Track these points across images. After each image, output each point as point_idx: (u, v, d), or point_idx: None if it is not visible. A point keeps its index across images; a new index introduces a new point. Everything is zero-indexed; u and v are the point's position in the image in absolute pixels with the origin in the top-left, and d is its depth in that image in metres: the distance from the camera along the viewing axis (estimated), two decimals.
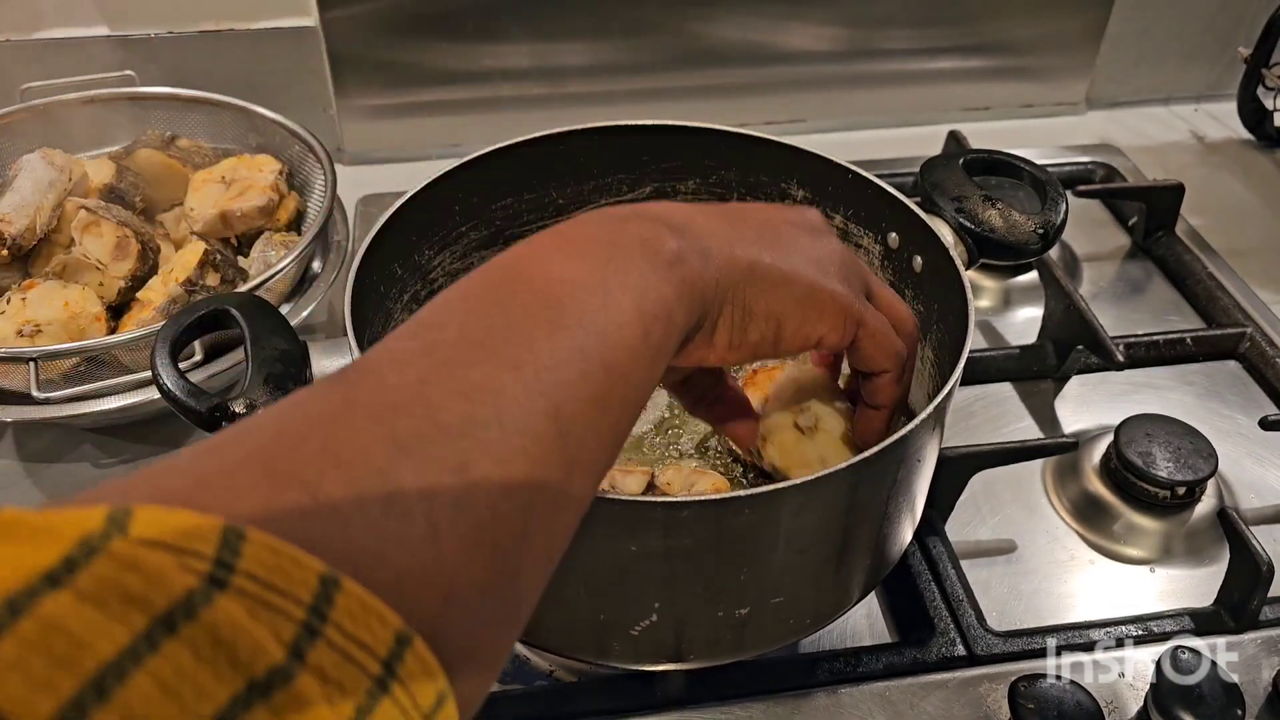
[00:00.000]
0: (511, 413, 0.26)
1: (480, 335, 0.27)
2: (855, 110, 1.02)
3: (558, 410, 0.27)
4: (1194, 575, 0.62)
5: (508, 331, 0.28)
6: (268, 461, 0.22)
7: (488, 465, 0.24)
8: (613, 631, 0.46)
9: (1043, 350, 0.74)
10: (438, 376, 0.26)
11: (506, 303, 0.29)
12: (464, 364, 0.26)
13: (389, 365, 0.26)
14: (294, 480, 0.22)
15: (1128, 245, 0.88)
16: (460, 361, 0.26)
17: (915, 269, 0.57)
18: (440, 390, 0.25)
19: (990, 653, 0.55)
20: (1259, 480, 0.68)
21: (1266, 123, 1.00)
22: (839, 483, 0.42)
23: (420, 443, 0.24)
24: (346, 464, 0.22)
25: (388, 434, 0.24)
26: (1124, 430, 0.64)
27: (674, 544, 0.41)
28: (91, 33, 0.86)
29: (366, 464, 0.23)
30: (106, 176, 0.73)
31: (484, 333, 0.27)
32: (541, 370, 0.27)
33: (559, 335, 0.28)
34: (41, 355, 0.59)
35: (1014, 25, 0.99)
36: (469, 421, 0.25)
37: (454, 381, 0.26)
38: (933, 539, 0.60)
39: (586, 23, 0.92)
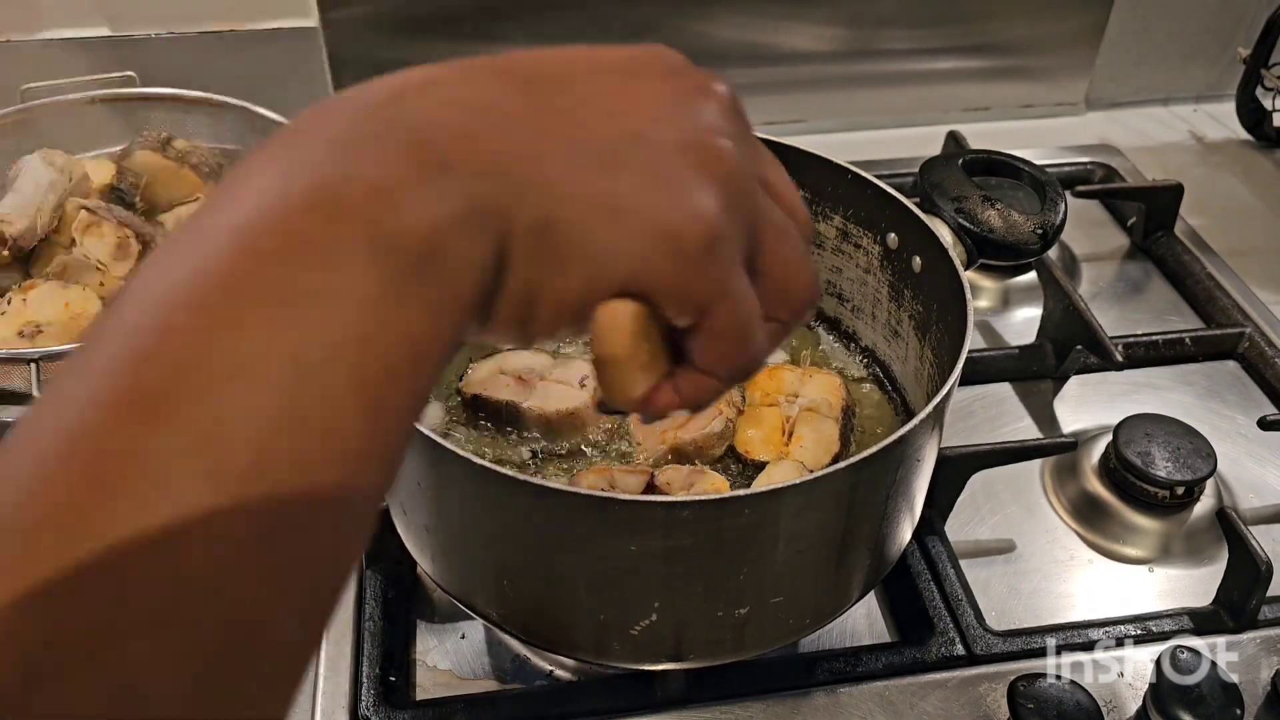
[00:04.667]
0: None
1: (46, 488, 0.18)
2: (855, 110, 1.02)
3: (228, 652, 0.19)
4: (1193, 575, 0.62)
5: (103, 523, 0.18)
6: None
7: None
8: (612, 631, 0.46)
9: (1042, 350, 0.74)
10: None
11: (115, 457, 0.18)
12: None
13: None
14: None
15: (1127, 245, 0.88)
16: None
17: (914, 269, 0.57)
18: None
19: (989, 652, 0.55)
20: (1258, 480, 0.68)
21: (1265, 123, 1.00)
22: (838, 483, 0.42)
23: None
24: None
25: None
26: (1123, 430, 0.64)
27: (674, 544, 0.41)
28: (92, 33, 0.86)
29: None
30: (107, 177, 0.73)
31: (70, 522, 0.18)
32: (182, 582, 0.18)
33: (203, 502, 0.18)
34: (43, 356, 0.59)
35: (1013, 25, 0.99)
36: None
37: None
38: (932, 539, 0.60)
39: (586, 24, 0.92)
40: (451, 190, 0.22)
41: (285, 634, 0.20)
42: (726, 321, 0.27)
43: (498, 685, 0.55)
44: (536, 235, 0.24)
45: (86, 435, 0.19)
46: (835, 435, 0.57)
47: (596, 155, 0.25)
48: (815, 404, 0.58)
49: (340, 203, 0.21)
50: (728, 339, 0.27)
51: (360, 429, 0.21)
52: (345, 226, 0.21)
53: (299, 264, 0.21)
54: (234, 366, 0.19)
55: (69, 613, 0.17)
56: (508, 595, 0.47)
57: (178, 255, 0.21)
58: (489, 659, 0.56)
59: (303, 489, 0.20)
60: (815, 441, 0.56)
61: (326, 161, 0.22)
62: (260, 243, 0.21)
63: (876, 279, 0.61)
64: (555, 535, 0.43)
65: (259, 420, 0.19)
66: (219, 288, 0.20)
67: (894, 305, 0.61)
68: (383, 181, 0.22)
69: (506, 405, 0.58)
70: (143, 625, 0.18)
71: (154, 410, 0.19)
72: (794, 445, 0.57)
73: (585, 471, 0.55)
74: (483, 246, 0.23)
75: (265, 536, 0.19)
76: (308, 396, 0.20)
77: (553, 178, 0.24)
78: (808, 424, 0.57)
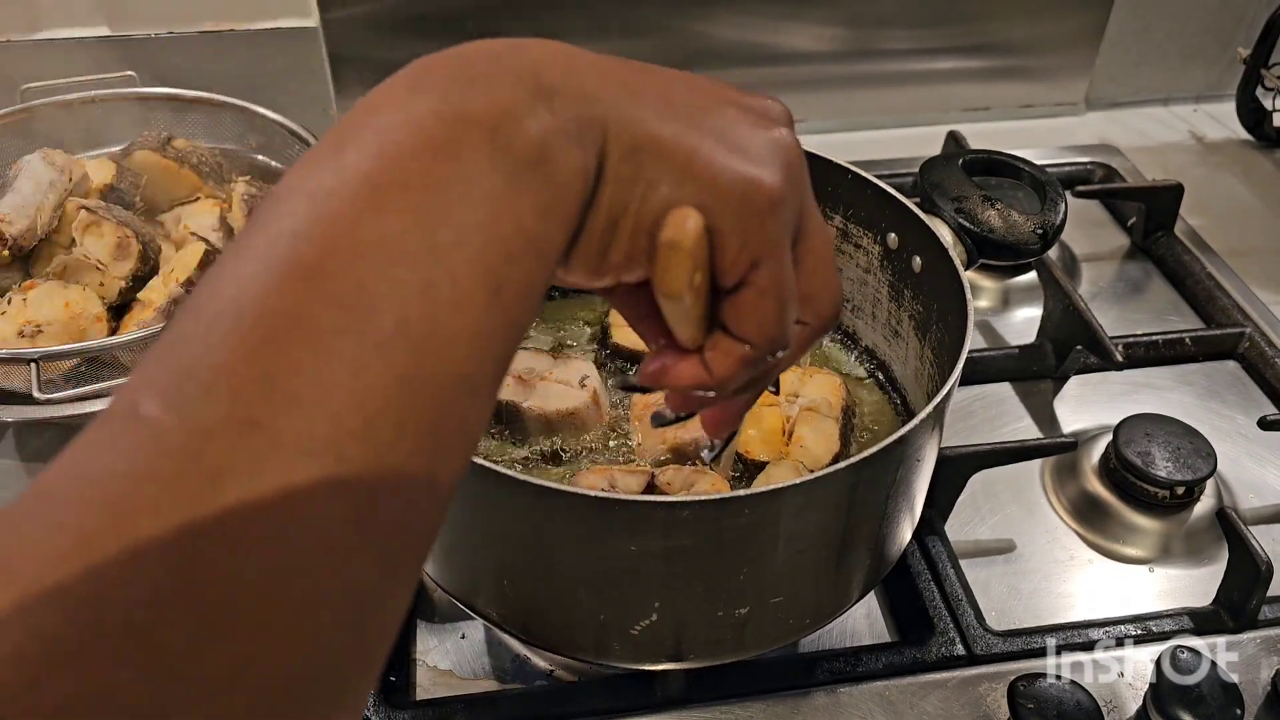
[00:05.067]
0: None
1: (237, 362, 0.21)
2: (855, 110, 1.02)
3: (362, 489, 0.21)
4: (1193, 575, 0.62)
5: (271, 370, 0.21)
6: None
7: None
8: (613, 631, 0.46)
9: (1042, 350, 0.74)
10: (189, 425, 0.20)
11: (276, 316, 0.21)
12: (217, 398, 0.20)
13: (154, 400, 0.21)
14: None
15: (1127, 245, 0.88)
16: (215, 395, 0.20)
17: (914, 269, 0.57)
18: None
19: (989, 652, 0.55)
20: (1258, 480, 0.68)
21: (1265, 123, 1.00)
22: (838, 482, 0.42)
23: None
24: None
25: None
26: (1123, 430, 0.64)
27: (674, 544, 0.41)
28: (92, 33, 0.86)
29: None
30: (107, 177, 0.73)
31: (243, 372, 0.21)
32: (328, 420, 0.20)
33: (356, 346, 0.21)
34: (42, 356, 0.59)
35: (1013, 26, 0.99)
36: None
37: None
38: (932, 539, 0.60)
39: (585, 23, 0.92)
40: (559, 108, 0.26)
41: (419, 486, 0.22)
42: (771, 280, 0.29)
43: (498, 685, 0.55)
44: (627, 158, 0.27)
45: (253, 302, 0.21)
46: (835, 435, 0.57)
47: (683, 110, 0.28)
48: (815, 404, 0.58)
49: (465, 113, 0.24)
50: (769, 300, 0.29)
51: (483, 308, 0.23)
52: (470, 132, 0.24)
53: (431, 159, 0.23)
54: (376, 242, 0.22)
55: (245, 442, 0.20)
56: (508, 595, 0.47)
57: (324, 155, 0.24)
58: (489, 659, 0.56)
59: (439, 355, 0.22)
60: (815, 441, 0.57)
61: (452, 86, 0.25)
62: (397, 144, 0.24)
63: (877, 279, 0.61)
64: (555, 535, 0.43)
65: (398, 289, 0.22)
66: (362, 179, 0.23)
67: (894, 305, 0.61)
68: (500, 99, 0.25)
69: (506, 405, 0.58)
70: (305, 456, 0.20)
71: (312, 280, 0.22)
72: (794, 445, 0.57)
73: (585, 472, 0.55)
74: (584, 156, 0.26)
75: (406, 390, 0.22)
76: (440, 273, 0.22)
77: (644, 115, 0.27)
78: (808, 424, 0.57)
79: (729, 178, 0.28)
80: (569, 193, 0.26)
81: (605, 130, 0.27)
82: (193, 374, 0.20)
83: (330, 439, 0.20)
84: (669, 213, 0.27)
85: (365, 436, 0.21)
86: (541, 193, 0.25)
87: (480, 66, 0.26)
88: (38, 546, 0.19)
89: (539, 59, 0.27)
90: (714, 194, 0.27)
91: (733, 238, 0.28)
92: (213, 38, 0.88)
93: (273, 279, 0.22)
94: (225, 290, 0.22)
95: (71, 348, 0.60)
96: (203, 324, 0.21)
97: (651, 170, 0.27)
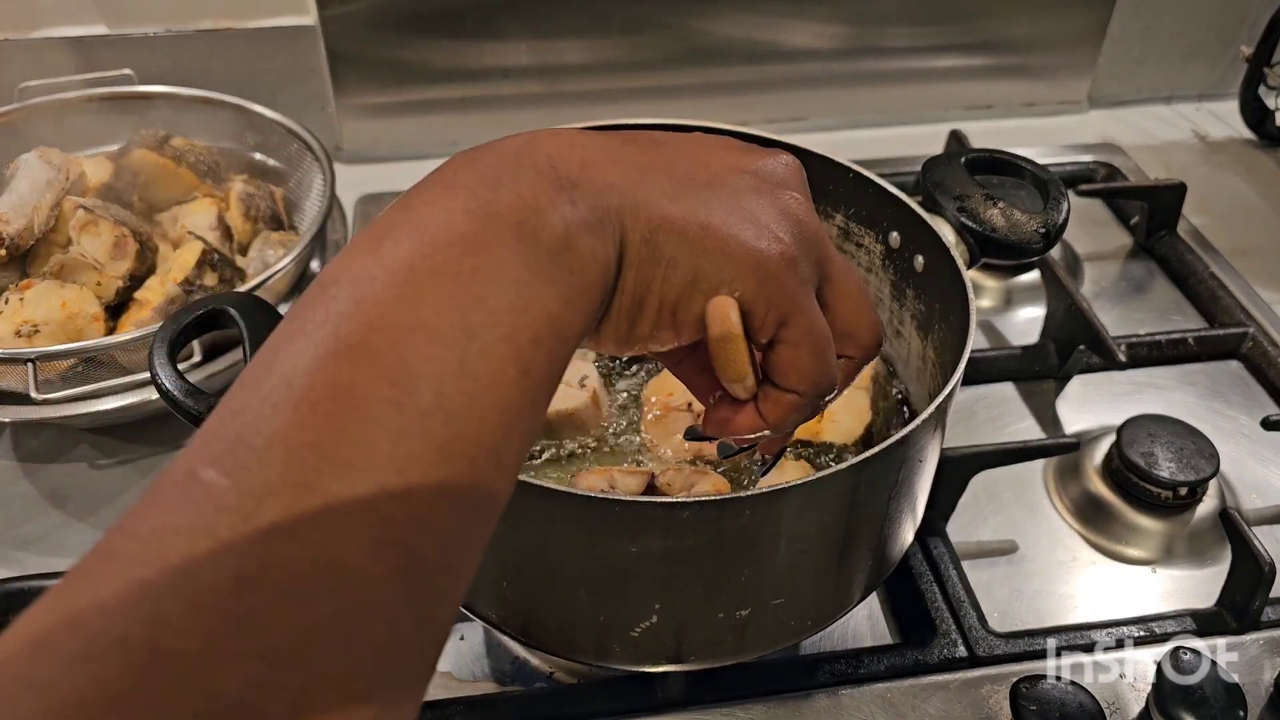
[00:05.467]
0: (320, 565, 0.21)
1: (291, 445, 0.22)
2: (856, 109, 1.01)
3: (404, 548, 0.22)
4: (1196, 576, 0.61)
5: (321, 438, 0.22)
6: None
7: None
8: (613, 633, 0.45)
9: (1044, 350, 0.74)
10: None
11: (325, 388, 0.23)
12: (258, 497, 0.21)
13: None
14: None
15: (1130, 245, 0.88)
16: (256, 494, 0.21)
17: (917, 269, 0.57)
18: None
19: (992, 654, 0.55)
20: (1261, 480, 0.67)
21: (1268, 122, 1.00)
22: (840, 483, 0.42)
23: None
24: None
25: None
26: (1126, 431, 0.64)
27: (674, 545, 0.41)
28: (90, 31, 0.86)
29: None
30: (104, 176, 0.72)
31: (294, 439, 0.22)
32: (373, 483, 0.22)
33: (398, 417, 0.23)
34: (39, 356, 0.59)
35: (1016, 24, 0.99)
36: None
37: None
38: (934, 539, 0.60)
39: (586, 20, 0.92)
40: (579, 200, 0.28)
41: (452, 546, 0.24)
42: (803, 331, 0.32)
43: (497, 688, 0.55)
44: (646, 242, 0.29)
45: (304, 376, 0.23)
46: (866, 407, 0.58)
47: (691, 187, 0.30)
48: None
49: (492, 208, 0.26)
50: (804, 349, 0.32)
51: (514, 383, 0.25)
52: (498, 225, 0.26)
53: (463, 250, 0.25)
54: (415, 323, 0.24)
55: (297, 502, 0.21)
56: (507, 597, 0.47)
57: (362, 249, 0.26)
58: (488, 661, 0.56)
59: (472, 425, 0.24)
60: (847, 415, 0.57)
61: (479, 185, 0.27)
62: (432, 237, 0.26)
63: (878, 278, 0.61)
64: (555, 536, 0.43)
65: (436, 366, 0.24)
66: (401, 268, 0.25)
67: (896, 305, 0.60)
68: (525, 194, 0.27)
69: None
70: (351, 513, 0.22)
71: (356, 356, 0.23)
72: (826, 421, 0.57)
73: (585, 472, 0.55)
74: (605, 245, 0.28)
75: (443, 459, 0.23)
76: (473, 351, 0.24)
77: (657, 199, 0.30)
78: (838, 398, 0.58)
79: (742, 250, 0.30)
80: (590, 280, 0.28)
81: (622, 218, 0.29)
82: (246, 441, 0.22)
83: (374, 501, 0.22)
84: (708, 308, 0.30)
85: (406, 499, 0.22)
86: (566, 281, 0.27)
87: (504, 165, 0.28)
88: (103, 599, 0.20)
89: (554, 153, 0.29)
90: (731, 267, 0.30)
91: (758, 303, 0.31)
92: (210, 36, 0.88)
93: (320, 356, 0.23)
94: (278, 367, 0.23)
95: (69, 347, 0.60)
96: (256, 397, 0.23)
97: (669, 250, 0.30)
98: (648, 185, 0.30)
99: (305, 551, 0.21)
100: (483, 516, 0.25)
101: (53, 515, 0.65)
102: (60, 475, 0.67)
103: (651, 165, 0.30)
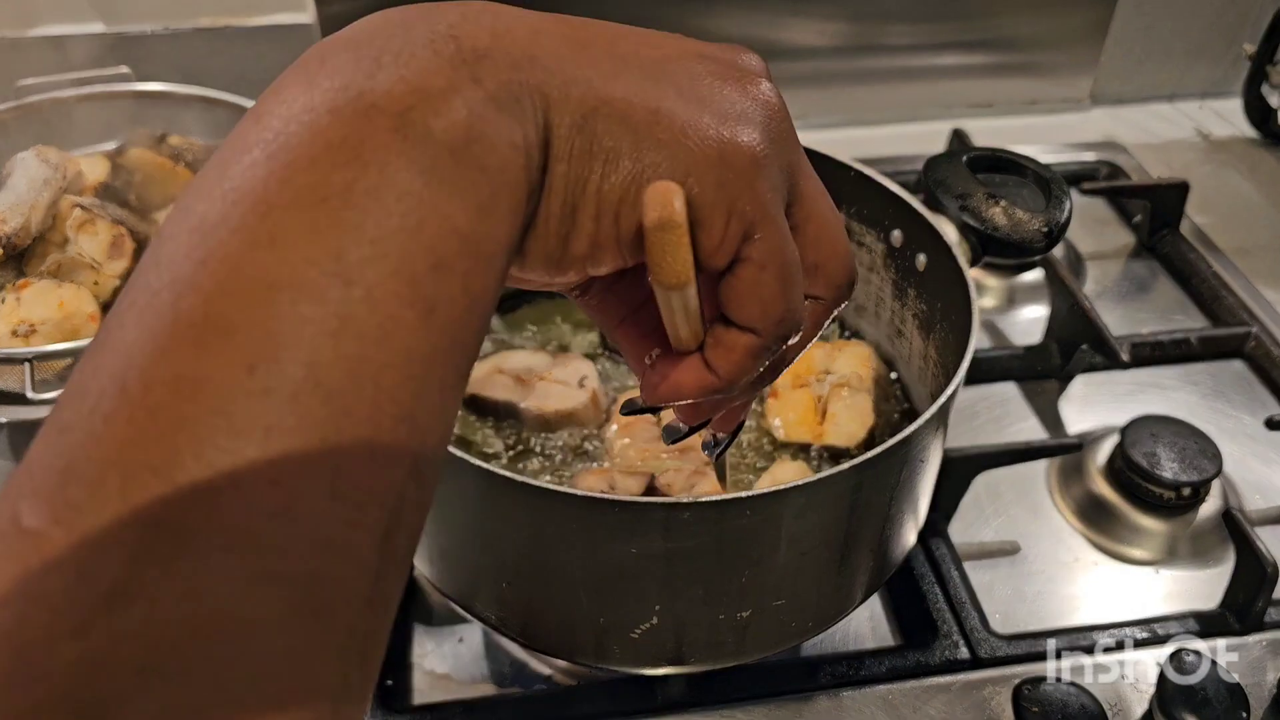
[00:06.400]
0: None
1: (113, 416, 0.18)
2: (858, 107, 1.01)
3: (294, 582, 0.18)
4: (1199, 577, 0.61)
5: (168, 457, 0.17)
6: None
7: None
8: (613, 634, 0.45)
9: (1047, 350, 0.73)
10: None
11: (167, 387, 0.18)
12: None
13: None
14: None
15: (1132, 243, 0.88)
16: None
17: (919, 267, 0.56)
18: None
19: (994, 655, 0.55)
20: (1264, 481, 0.67)
21: (1272, 120, 1.00)
22: (841, 484, 0.41)
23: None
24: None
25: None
26: (1129, 431, 0.64)
27: (674, 546, 0.41)
28: (87, 29, 0.86)
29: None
30: (101, 174, 0.72)
31: (135, 461, 0.17)
32: (242, 506, 0.17)
33: (263, 407, 0.18)
34: (36, 356, 0.59)
35: (1018, 22, 0.99)
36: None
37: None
38: (936, 540, 0.60)
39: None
40: (486, 75, 0.21)
41: (367, 551, 0.19)
42: (769, 251, 0.25)
43: (496, 690, 0.54)
44: (579, 128, 0.23)
45: (138, 371, 0.18)
46: (869, 409, 0.57)
47: (638, 67, 0.24)
48: (846, 379, 0.59)
49: (365, 99, 0.20)
50: (769, 274, 0.25)
51: (414, 328, 0.20)
52: (374, 121, 0.20)
53: (329, 165, 0.20)
54: (277, 279, 0.19)
55: (145, 547, 0.17)
56: (506, 598, 0.47)
57: (209, 181, 0.20)
58: (487, 663, 0.56)
59: (363, 397, 0.19)
60: (849, 417, 0.57)
61: (350, 67, 0.21)
62: (289, 152, 0.20)
63: (880, 277, 0.60)
64: (554, 537, 0.42)
65: (309, 330, 0.18)
66: (252, 203, 0.19)
67: (898, 304, 0.60)
68: (410, 75, 0.21)
69: (504, 405, 0.58)
70: (220, 550, 0.17)
71: (203, 337, 0.18)
72: (828, 424, 0.57)
73: (585, 473, 0.54)
74: (525, 128, 0.22)
75: (330, 450, 0.18)
76: (355, 300, 0.19)
77: (593, 76, 0.23)
78: (840, 400, 0.58)
79: (701, 139, 0.23)
80: (508, 177, 0.22)
81: (547, 96, 0.22)
82: (77, 471, 0.17)
83: (247, 527, 0.17)
84: (645, 191, 0.23)
85: (289, 514, 0.18)
86: (473, 184, 0.21)
87: (386, 42, 0.21)
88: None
89: (458, 21, 0.22)
90: (687, 161, 0.23)
91: (717, 210, 0.24)
92: (208, 34, 0.87)
93: (159, 342, 0.18)
94: (107, 363, 0.18)
95: (66, 347, 0.60)
96: (85, 406, 0.18)
97: (609, 139, 0.23)
98: (580, 61, 0.23)
99: (164, 613, 0.16)
100: (406, 499, 0.20)
101: None
102: None
103: (586, 40, 0.24)
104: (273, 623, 0.18)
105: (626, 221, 0.24)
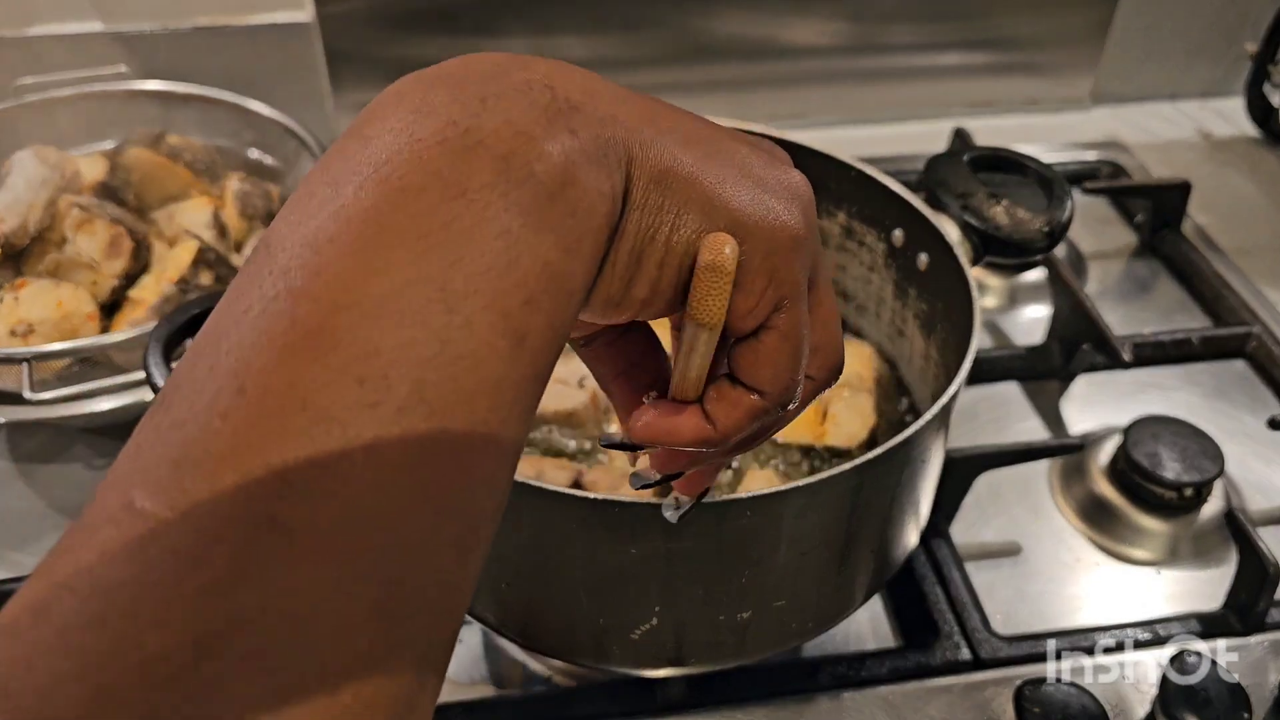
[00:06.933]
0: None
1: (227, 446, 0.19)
2: (859, 106, 1.01)
3: (387, 583, 0.19)
4: (1201, 577, 0.61)
5: (284, 458, 0.19)
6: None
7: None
8: (612, 635, 0.45)
9: (1049, 349, 0.73)
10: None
11: (283, 393, 0.19)
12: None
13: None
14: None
15: (1134, 243, 0.87)
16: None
17: (920, 267, 0.56)
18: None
19: (995, 656, 0.55)
20: (1266, 481, 0.67)
21: (1273, 119, 0.99)
22: (842, 484, 0.41)
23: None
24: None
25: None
26: (1131, 432, 0.63)
27: (674, 546, 0.41)
28: (85, 28, 0.85)
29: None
30: (100, 173, 0.72)
31: (251, 460, 0.19)
32: (349, 507, 0.19)
33: (371, 420, 0.19)
34: (34, 356, 0.58)
35: (1019, 21, 0.98)
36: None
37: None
38: (937, 541, 0.60)
39: (585, 17, 0.91)
40: (580, 126, 0.23)
41: (448, 561, 0.21)
42: (794, 323, 0.27)
43: (495, 691, 0.54)
44: (656, 183, 0.25)
45: (256, 374, 0.19)
46: (870, 409, 0.57)
47: (702, 142, 0.26)
48: (847, 379, 0.58)
49: (472, 135, 0.22)
50: (790, 344, 0.27)
51: (506, 357, 0.21)
52: (480, 160, 0.21)
53: (438, 197, 0.21)
54: (384, 300, 0.20)
55: (253, 540, 0.18)
56: (506, 599, 0.47)
57: (317, 198, 0.21)
58: (486, 664, 0.55)
59: (459, 417, 0.20)
60: (850, 419, 0.57)
61: (453, 103, 0.22)
62: (400, 179, 0.21)
63: (881, 277, 0.60)
64: (554, 538, 0.42)
65: (412, 352, 0.20)
66: (362, 224, 0.21)
67: (899, 303, 0.60)
68: (514, 119, 0.22)
69: None
70: (313, 553, 0.18)
71: (318, 346, 0.19)
72: (829, 424, 0.57)
73: (585, 473, 0.54)
74: (611, 178, 0.24)
75: (427, 463, 0.20)
76: (455, 326, 0.20)
77: (668, 142, 0.25)
78: (841, 401, 0.57)
79: (756, 212, 0.26)
80: (595, 221, 0.23)
81: (629, 153, 0.24)
82: (190, 462, 0.19)
83: (350, 530, 0.19)
84: (705, 237, 0.26)
85: (386, 520, 0.19)
86: (565, 225, 0.22)
87: (488, 84, 0.23)
88: (36, 671, 0.17)
89: (551, 73, 0.24)
90: (744, 228, 0.26)
91: (759, 276, 0.26)
92: (207, 33, 0.87)
93: (276, 348, 0.19)
94: (223, 363, 0.19)
95: (63, 347, 0.60)
96: (201, 403, 0.19)
97: (680, 197, 0.25)
98: (655, 129, 0.25)
99: (272, 601, 0.18)
100: (484, 517, 0.22)
101: (49, 516, 0.64)
102: (56, 476, 0.67)
103: (657, 114, 0.26)
104: (358, 624, 0.19)
105: (687, 272, 0.26)
